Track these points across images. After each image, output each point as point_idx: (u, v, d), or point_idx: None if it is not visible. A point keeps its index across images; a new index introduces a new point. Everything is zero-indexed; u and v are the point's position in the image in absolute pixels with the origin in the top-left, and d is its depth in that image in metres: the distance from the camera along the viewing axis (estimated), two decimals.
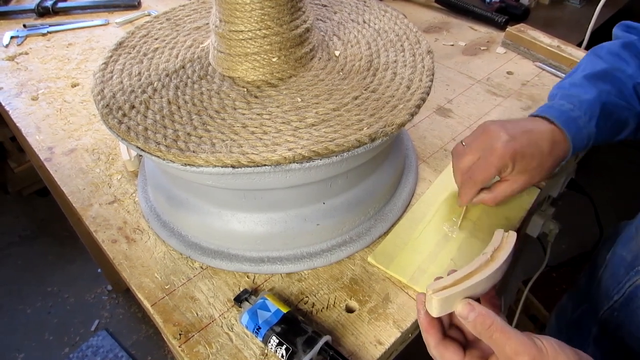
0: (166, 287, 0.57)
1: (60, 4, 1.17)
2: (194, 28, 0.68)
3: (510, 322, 0.42)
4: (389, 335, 0.52)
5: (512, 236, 0.43)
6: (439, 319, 0.42)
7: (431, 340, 0.41)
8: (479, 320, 0.38)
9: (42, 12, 1.15)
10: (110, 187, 0.71)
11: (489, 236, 0.46)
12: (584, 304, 0.71)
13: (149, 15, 1.16)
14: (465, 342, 0.42)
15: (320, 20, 0.68)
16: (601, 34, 1.12)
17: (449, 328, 0.43)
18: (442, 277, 0.41)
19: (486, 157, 0.56)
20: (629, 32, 0.64)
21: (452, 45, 1.02)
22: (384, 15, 0.68)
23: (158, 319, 0.54)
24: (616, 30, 0.67)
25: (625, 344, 0.58)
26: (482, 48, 1.01)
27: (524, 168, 0.56)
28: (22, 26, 1.11)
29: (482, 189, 0.60)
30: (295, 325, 0.49)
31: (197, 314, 0.55)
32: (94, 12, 1.18)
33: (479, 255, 0.42)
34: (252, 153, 0.47)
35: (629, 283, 0.57)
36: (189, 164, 0.47)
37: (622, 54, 0.62)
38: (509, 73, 0.93)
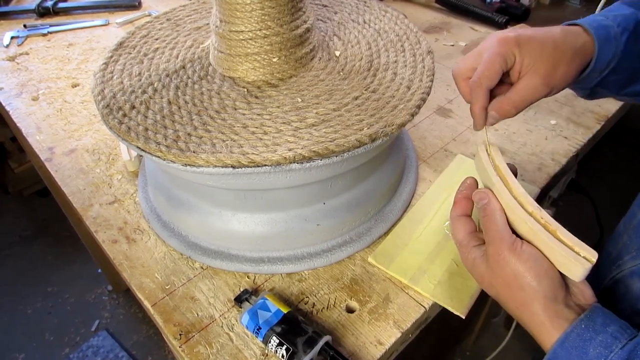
0: (166, 288, 0.57)
1: (61, 4, 1.17)
2: (194, 28, 0.68)
3: (509, 327, 0.43)
4: (389, 335, 0.52)
5: (582, 264, 0.42)
6: (469, 200, 0.48)
7: (454, 211, 0.49)
8: (482, 207, 0.45)
9: (43, 12, 1.15)
10: (110, 188, 0.71)
11: None
12: None
13: (149, 15, 1.16)
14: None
15: (321, 20, 0.68)
16: None
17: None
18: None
19: (487, 49, 0.47)
20: None
21: (453, 45, 1.02)
22: (384, 16, 0.68)
23: (158, 319, 0.54)
24: None
25: None
26: None
27: (537, 53, 0.46)
28: (22, 26, 1.11)
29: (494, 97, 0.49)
30: (296, 325, 0.49)
31: (197, 314, 0.55)
32: (95, 12, 1.19)
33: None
34: (253, 153, 0.47)
35: (609, 277, 0.56)
36: (189, 164, 0.47)
37: None
38: None
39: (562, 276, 0.42)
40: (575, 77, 0.48)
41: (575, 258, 0.40)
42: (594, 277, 0.61)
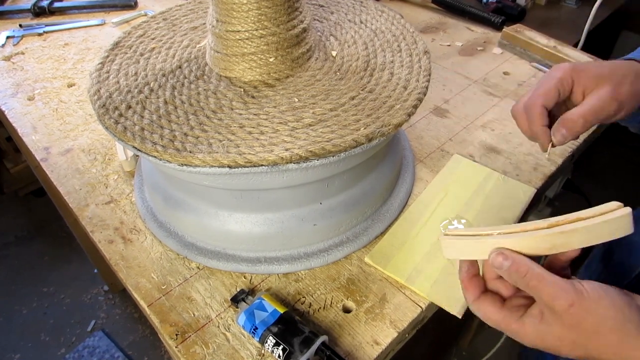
0: (163, 288, 0.57)
1: (57, 4, 1.16)
2: (190, 28, 0.68)
3: None
4: (385, 335, 0.52)
5: (622, 212, 0.37)
6: (478, 276, 0.43)
7: (469, 297, 0.42)
8: (513, 269, 0.38)
9: (38, 12, 1.15)
10: (106, 188, 0.71)
11: None
12: None
13: (145, 15, 1.16)
14: (514, 292, 0.42)
15: (317, 20, 0.68)
16: (597, 35, 1.13)
17: (496, 278, 0.42)
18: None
19: (545, 76, 0.49)
20: None
21: (449, 45, 1.02)
22: (380, 16, 0.68)
23: (155, 320, 0.54)
24: None
25: None
26: (478, 48, 1.01)
27: (595, 77, 0.46)
28: (18, 26, 1.10)
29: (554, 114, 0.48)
30: (292, 325, 0.49)
31: (193, 315, 0.54)
32: (90, 12, 1.18)
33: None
34: (249, 153, 0.47)
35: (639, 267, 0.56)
36: (185, 164, 0.47)
37: None
38: (505, 73, 0.93)
39: (624, 293, 0.38)
40: None
41: (614, 215, 0.37)
42: (622, 267, 0.60)
